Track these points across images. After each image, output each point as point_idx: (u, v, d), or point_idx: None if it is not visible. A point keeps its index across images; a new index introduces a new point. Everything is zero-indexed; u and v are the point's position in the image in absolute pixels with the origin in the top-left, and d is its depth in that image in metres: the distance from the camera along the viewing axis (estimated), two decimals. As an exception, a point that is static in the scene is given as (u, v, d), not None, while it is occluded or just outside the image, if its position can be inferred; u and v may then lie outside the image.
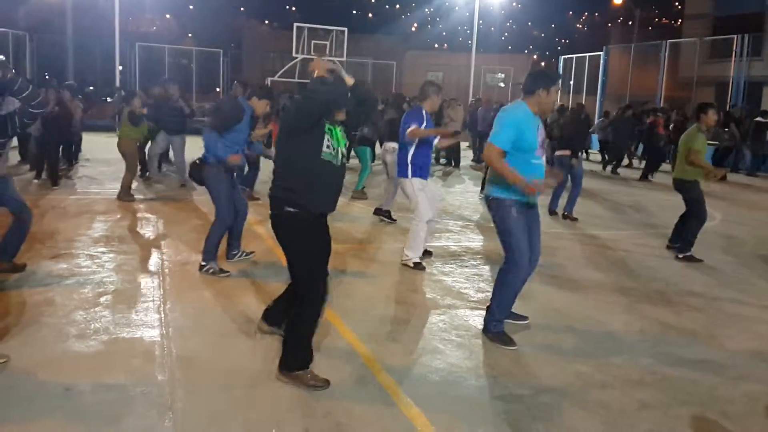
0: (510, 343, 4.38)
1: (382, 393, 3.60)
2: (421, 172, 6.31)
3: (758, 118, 16.70)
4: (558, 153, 9.44)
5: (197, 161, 5.79)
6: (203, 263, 5.79)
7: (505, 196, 4.35)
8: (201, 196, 9.91)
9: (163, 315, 4.67)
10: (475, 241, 7.74)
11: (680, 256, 7.05)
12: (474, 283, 5.89)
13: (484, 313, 5.03)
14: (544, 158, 4.49)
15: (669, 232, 7.66)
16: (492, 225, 4.60)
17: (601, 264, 6.77)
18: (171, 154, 11.70)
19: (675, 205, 7.62)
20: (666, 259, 7.08)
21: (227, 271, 5.75)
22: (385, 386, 3.67)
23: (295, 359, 3.68)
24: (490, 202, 4.49)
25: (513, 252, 4.40)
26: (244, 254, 6.25)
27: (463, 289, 5.65)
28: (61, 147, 11.27)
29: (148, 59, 26.44)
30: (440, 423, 3.29)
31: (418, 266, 6.23)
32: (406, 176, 6.31)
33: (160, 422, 3.20)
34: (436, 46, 51.57)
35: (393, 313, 4.94)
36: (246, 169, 10.38)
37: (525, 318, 4.84)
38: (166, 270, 5.83)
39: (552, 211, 9.44)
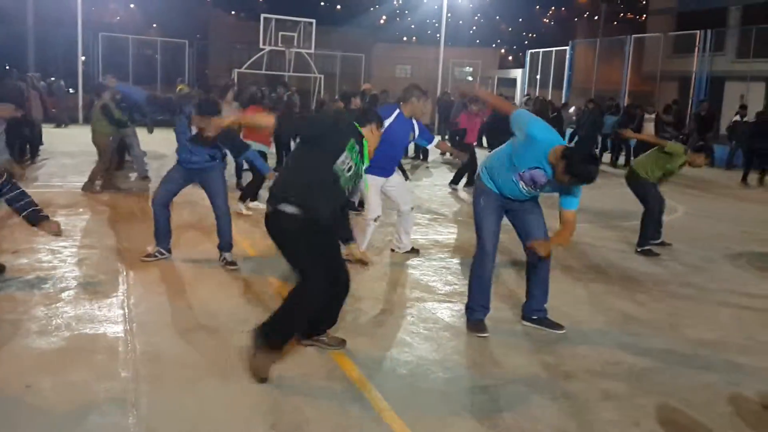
0: (480, 331, 4.47)
1: (351, 387, 3.60)
2: (379, 170, 6.09)
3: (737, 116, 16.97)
4: None
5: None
6: (156, 248, 5.95)
7: (484, 182, 4.48)
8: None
9: (126, 310, 4.60)
10: (443, 234, 7.76)
11: (638, 249, 7.15)
12: (442, 276, 5.91)
13: (451, 305, 5.07)
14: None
15: (633, 224, 7.78)
16: (460, 218, 4.62)
17: (564, 256, 6.84)
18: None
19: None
20: (628, 251, 7.18)
21: (164, 255, 5.90)
22: (353, 380, 3.67)
23: (272, 333, 3.62)
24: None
25: (478, 238, 4.51)
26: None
27: (431, 282, 5.67)
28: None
29: (111, 50, 25.91)
30: (408, 416, 3.30)
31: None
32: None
33: (124, 419, 3.16)
34: (405, 39, 51.52)
35: (361, 306, 4.94)
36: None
37: (561, 327, 4.62)
38: (130, 265, 5.74)
39: None
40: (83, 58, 23.40)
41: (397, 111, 6.14)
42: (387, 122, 5.96)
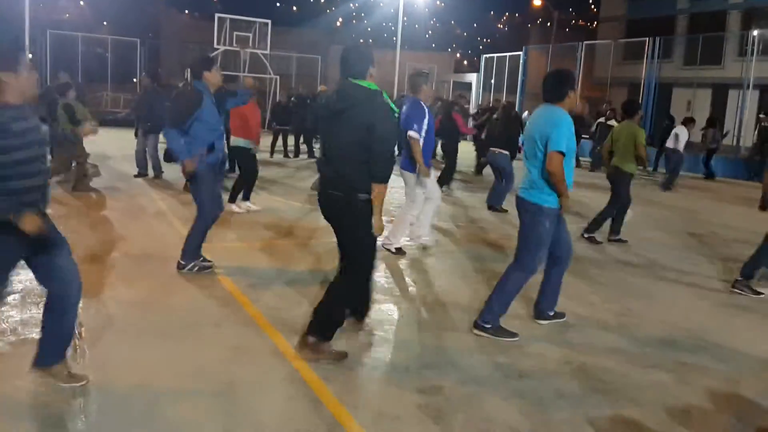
0: (511, 335, 4.52)
1: (308, 391, 3.57)
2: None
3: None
4: (494, 149, 9.88)
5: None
6: (183, 263, 5.55)
7: (548, 205, 4.42)
8: (117, 192, 9.58)
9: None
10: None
11: (585, 235, 7.85)
12: (400, 279, 5.92)
13: (408, 306, 5.09)
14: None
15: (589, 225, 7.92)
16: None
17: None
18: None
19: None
20: (580, 252, 7.30)
21: (210, 262, 5.63)
22: (310, 384, 3.65)
23: (327, 327, 3.94)
24: (526, 206, 4.49)
25: (532, 258, 4.51)
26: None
27: (387, 284, 5.67)
28: None
29: (60, 48, 25.26)
30: (364, 418, 3.30)
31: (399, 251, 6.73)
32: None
33: (74, 425, 3.08)
34: (362, 41, 51.62)
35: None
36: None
37: (563, 316, 4.93)
38: (80, 267, 5.58)
39: (495, 207, 9.79)
40: (30, 55, 22.74)
41: (422, 103, 6.55)
42: (425, 119, 6.47)
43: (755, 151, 17.18)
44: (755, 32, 21.08)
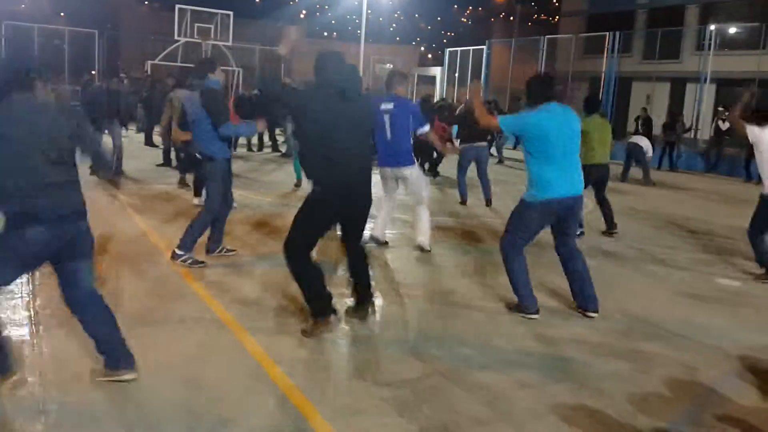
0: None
1: (272, 387, 3.56)
2: None
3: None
4: (477, 144, 9.94)
5: (197, 156, 5.63)
6: (179, 252, 5.57)
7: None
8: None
9: (32, 312, 4.39)
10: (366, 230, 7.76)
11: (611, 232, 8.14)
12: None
13: (373, 300, 5.08)
14: None
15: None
16: (395, 215, 4.61)
17: (482, 248, 6.98)
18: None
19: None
20: (547, 243, 7.38)
21: (203, 262, 5.63)
22: (275, 380, 3.63)
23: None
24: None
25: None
26: (225, 250, 6.07)
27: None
28: None
29: (16, 40, 24.59)
30: (328, 412, 3.29)
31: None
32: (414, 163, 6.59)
33: (33, 425, 3.01)
34: (326, 34, 51.33)
35: (283, 305, 4.89)
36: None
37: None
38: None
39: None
40: (-15, 47, 22.12)
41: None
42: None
43: (712, 144, 17.56)
44: (712, 27, 21.51)
